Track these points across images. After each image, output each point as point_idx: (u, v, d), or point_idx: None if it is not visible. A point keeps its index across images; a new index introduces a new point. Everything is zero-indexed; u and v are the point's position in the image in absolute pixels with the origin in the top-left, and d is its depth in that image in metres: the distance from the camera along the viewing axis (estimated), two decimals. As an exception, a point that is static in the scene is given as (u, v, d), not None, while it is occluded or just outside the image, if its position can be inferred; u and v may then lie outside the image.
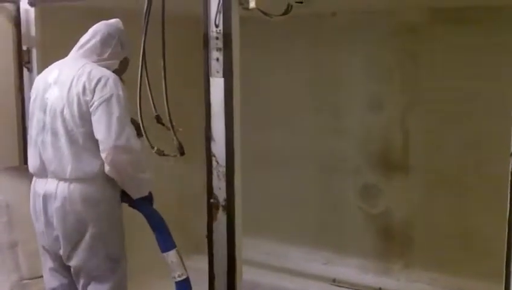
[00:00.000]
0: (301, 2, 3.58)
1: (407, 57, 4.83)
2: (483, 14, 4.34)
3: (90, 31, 3.33)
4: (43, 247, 3.36)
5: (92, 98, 3.06)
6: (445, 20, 4.57)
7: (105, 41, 3.29)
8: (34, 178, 3.34)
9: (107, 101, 3.06)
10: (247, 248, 3.41)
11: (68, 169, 3.10)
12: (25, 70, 4.32)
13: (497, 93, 4.43)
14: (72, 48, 3.35)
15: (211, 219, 3.20)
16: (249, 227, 3.50)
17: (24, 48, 4.30)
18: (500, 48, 4.34)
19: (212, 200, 3.16)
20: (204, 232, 3.25)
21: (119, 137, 3.05)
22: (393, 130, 4.98)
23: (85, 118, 3.09)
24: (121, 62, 3.37)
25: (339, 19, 5.01)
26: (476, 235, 4.64)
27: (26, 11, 4.24)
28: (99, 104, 3.06)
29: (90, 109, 3.07)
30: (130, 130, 3.13)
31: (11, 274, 4.16)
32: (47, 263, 3.40)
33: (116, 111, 3.06)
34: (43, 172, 3.23)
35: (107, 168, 3.10)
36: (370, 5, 4.51)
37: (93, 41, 3.28)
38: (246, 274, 3.34)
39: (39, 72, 3.52)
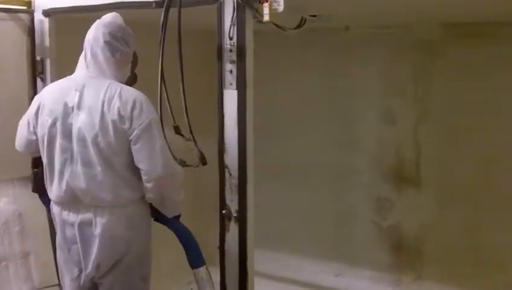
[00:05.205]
0: (315, 16, 3.60)
1: (420, 70, 4.84)
2: (496, 28, 4.35)
3: (91, 37, 3.11)
4: (71, 281, 3.19)
5: (131, 126, 2.95)
6: (458, 34, 4.58)
7: (111, 44, 3.07)
8: (57, 207, 3.16)
9: (148, 128, 2.96)
10: (259, 259, 3.40)
11: (108, 199, 2.99)
12: (38, 80, 4.30)
13: (509, 107, 4.43)
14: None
15: (223, 230, 3.20)
16: (261, 239, 3.50)
17: (38, 58, 4.27)
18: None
19: (224, 212, 3.16)
20: (217, 243, 3.25)
21: (165, 167, 2.98)
22: (406, 144, 4.98)
23: (123, 146, 2.97)
24: (132, 61, 3.24)
25: (352, 32, 5.03)
26: (487, 249, 4.64)
27: (41, 21, 4.22)
28: (140, 133, 2.95)
29: (130, 137, 2.96)
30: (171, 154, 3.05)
31: (23, 284, 4.17)
32: None
33: (158, 139, 2.97)
34: (72, 202, 3.06)
35: (149, 196, 3.06)
36: (383, 20, 4.52)
37: (101, 53, 3.07)
38: (258, 286, 3.33)
39: (53, 82, 3.49)
